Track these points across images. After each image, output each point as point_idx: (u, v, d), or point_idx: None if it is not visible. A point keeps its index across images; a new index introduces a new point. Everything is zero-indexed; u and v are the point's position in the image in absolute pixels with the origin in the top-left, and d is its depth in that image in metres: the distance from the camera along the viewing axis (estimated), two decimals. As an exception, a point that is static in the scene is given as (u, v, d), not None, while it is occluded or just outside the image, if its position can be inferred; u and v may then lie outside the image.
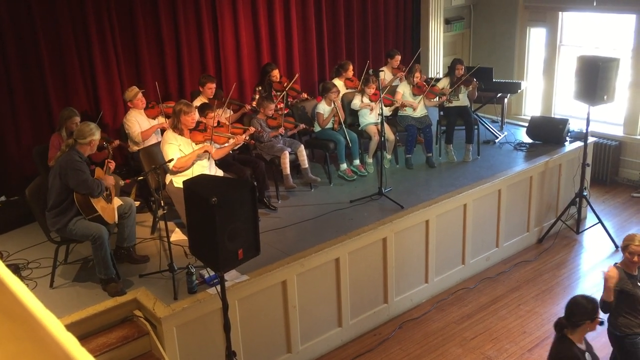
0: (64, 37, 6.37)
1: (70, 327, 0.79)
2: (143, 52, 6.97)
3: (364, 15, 9.07)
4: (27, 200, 5.01)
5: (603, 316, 3.63)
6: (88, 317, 4.44)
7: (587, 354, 3.47)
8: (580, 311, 3.46)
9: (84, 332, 4.39)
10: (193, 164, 5.43)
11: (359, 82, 7.78)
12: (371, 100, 7.23)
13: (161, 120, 6.45)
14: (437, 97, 7.48)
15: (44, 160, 5.78)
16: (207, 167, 5.52)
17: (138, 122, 6.30)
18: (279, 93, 7.27)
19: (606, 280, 4.01)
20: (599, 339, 4.73)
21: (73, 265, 5.26)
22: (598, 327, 3.54)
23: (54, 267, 4.95)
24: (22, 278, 4.86)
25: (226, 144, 5.80)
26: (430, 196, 6.28)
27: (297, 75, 7.84)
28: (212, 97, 6.75)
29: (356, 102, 7.27)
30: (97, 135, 4.84)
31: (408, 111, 7.47)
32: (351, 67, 7.98)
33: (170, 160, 5.25)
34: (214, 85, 6.83)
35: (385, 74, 8.25)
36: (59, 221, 4.75)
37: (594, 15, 9.01)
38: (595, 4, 8.67)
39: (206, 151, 5.46)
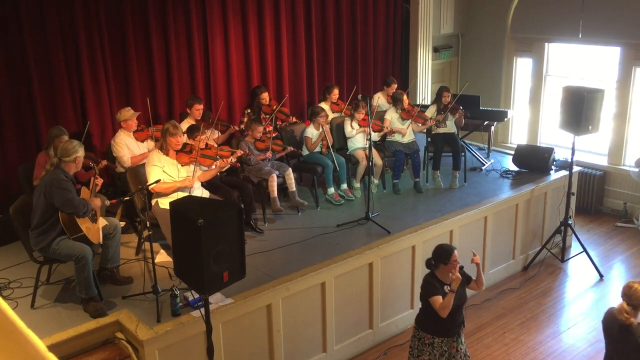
0: (53, 55, 6.36)
1: (51, 349, 0.78)
2: (133, 73, 6.97)
3: (354, 41, 9.17)
4: (10, 219, 4.95)
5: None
6: (69, 339, 4.37)
7: (446, 287, 4.20)
8: (438, 256, 4.29)
9: (65, 354, 4.31)
10: (173, 192, 5.41)
11: (344, 106, 7.84)
12: (360, 126, 7.28)
13: (150, 144, 6.43)
14: (425, 122, 7.54)
15: (29, 178, 5.72)
16: (192, 191, 5.51)
17: (127, 145, 6.29)
18: (267, 116, 7.29)
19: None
20: None
21: (55, 286, 5.19)
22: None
23: (35, 287, 4.88)
24: (3, 298, 4.78)
25: (213, 167, 5.80)
26: (417, 222, 6.29)
27: (286, 97, 7.87)
28: (199, 118, 6.76)
29: (349, 130, 7.30)
30: (81, 152, 4.80)
31: (396, 137, 7.52)
32: (336, 91, 8.00)
33: (156, 181, 5.22)
34: (201, 107, 6.85)
35: (380, 100, 8.34)
36: (42, 240, 4.70)
37: (579, 46, 9.18)
38: (580, 36, 8.83)
39: (187, 185, 5.47)
